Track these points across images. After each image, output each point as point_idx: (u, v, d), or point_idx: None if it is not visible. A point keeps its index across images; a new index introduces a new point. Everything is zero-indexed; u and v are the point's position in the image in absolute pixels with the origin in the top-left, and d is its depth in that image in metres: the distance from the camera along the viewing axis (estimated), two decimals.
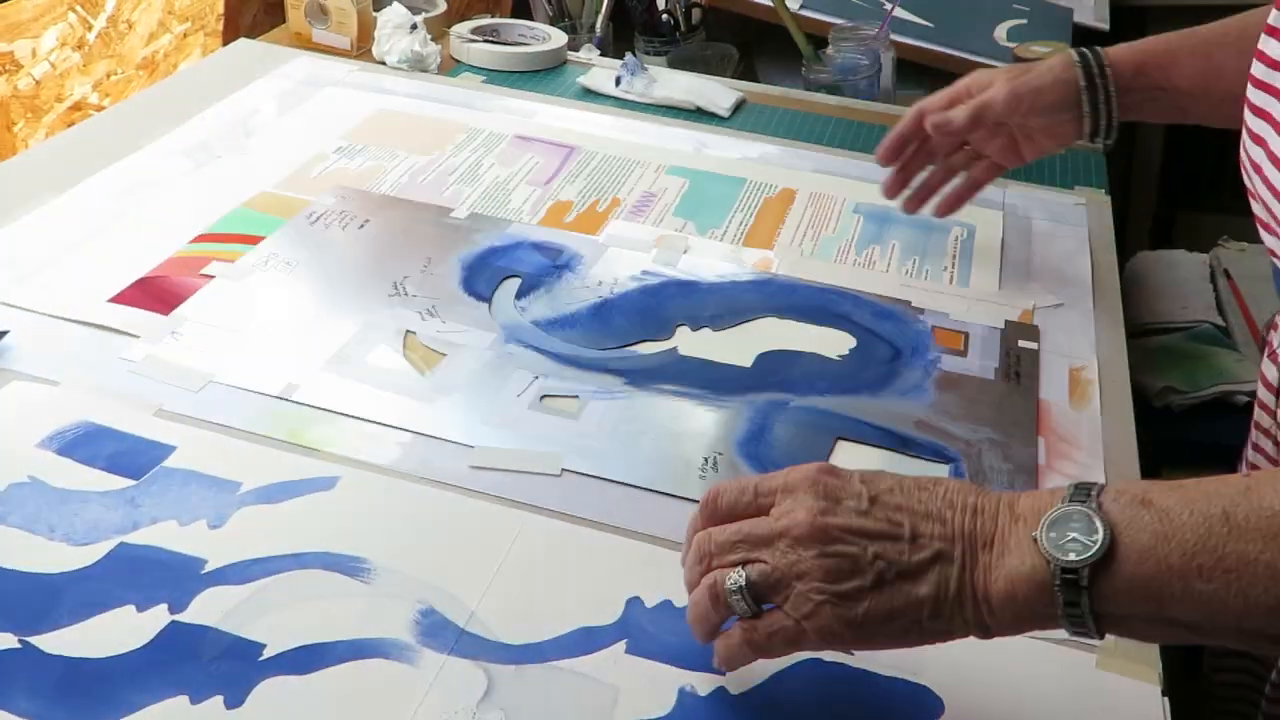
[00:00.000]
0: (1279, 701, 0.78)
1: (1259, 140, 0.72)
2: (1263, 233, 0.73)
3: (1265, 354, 0.81)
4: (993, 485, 0.77)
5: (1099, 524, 0.51)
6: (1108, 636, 0.66)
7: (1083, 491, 0.53)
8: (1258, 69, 0.72)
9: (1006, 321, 0.95)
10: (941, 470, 0.79)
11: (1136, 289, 1.32)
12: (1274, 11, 0.71)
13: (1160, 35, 0.93)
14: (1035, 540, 0.52)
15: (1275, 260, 0.73)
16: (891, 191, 1.03)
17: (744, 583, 0.55)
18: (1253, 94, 0.72)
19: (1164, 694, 0.64)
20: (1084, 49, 0.93)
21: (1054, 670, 0.65)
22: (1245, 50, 0.76)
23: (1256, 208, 0.73)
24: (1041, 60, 0.95)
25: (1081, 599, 0.51)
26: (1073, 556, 0.51)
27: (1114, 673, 0.65)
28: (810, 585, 0.54)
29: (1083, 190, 1.19)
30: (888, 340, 0.92)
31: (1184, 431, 1.19)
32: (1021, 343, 0.92)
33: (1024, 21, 1.64)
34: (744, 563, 0.55)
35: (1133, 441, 0.83)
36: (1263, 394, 0.80)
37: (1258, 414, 0.82)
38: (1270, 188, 0.70)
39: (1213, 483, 0.52)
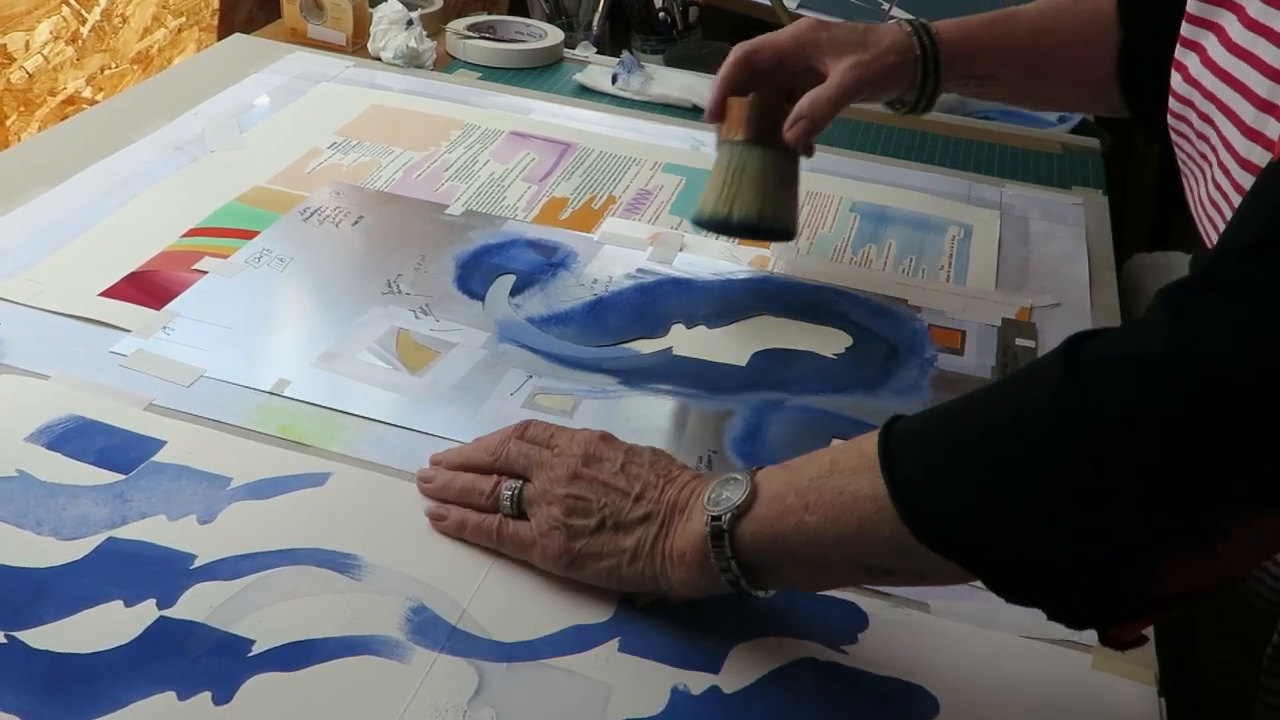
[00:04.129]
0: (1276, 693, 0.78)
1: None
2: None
3: None
4: None
5: (747, 481, 0.61)
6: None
7: (746, 469, 0.62)
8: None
9: (1003, 320, 0.95)
10: None
11: (1133, 290, 1.31)
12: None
13: (997, 18, 0.91)
14: (702, 505, 0.62)
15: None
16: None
17: (518, 490, 0.68)
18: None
19: (1160, 694, 0.64)
20: (923, 32, 0.89)
21: (1050, 670, 0.65)
22: (1074, 42, 0.87)
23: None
24: (877, 30, 0.89)
25: (724, 544, 0.60)
26: (719, 508, 0.60)
27: (1110, 673, 0.65)
28: (551, 511, 0.66)
29: (1080, 190, 1.19)
30: (884, 339, 0.92)
31: None
32: (1019, 341, 0.92)
33: None
34: (521, 477, 0.68)
35: None
36: None
37: None
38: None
39: (840, 443, 0.62)
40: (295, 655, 0.61)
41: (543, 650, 0.63)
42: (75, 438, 0.74)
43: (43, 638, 0.61)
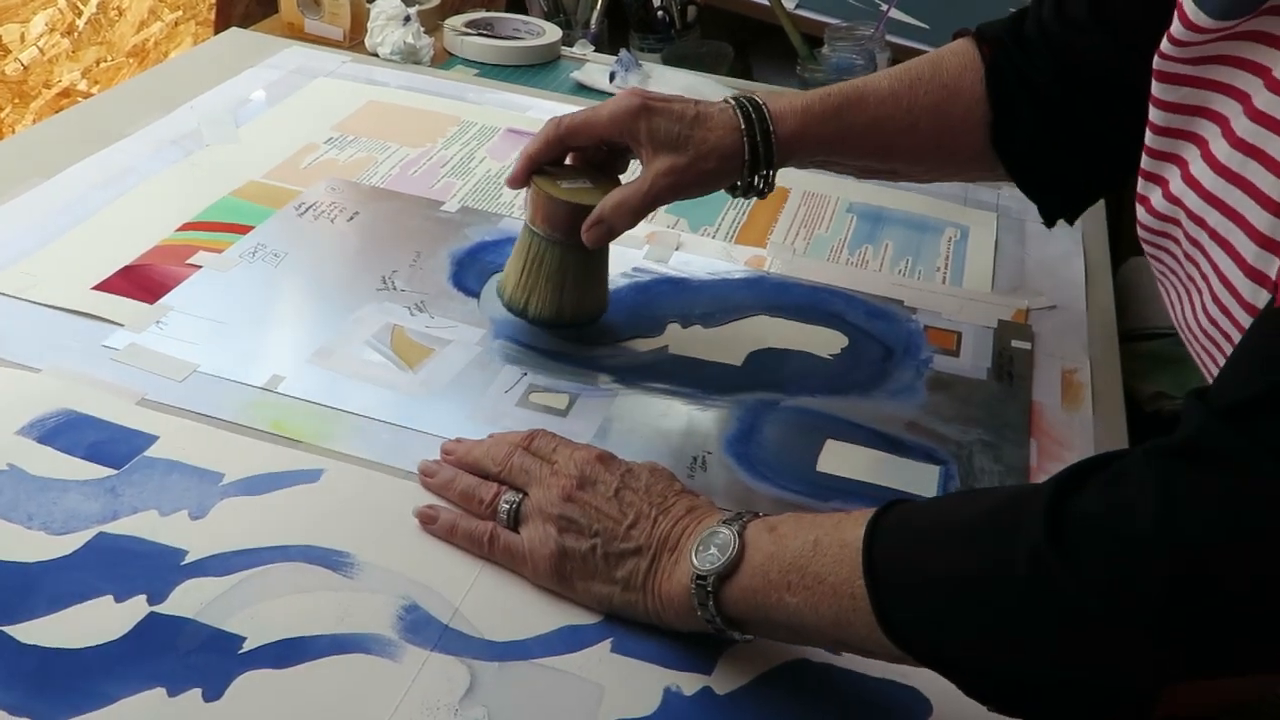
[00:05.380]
0: None
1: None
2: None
3: None
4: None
5: (734, 542, 0.60)
6: None
7: (739, 516, 0.62)
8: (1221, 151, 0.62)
9: (999, 321, 0.94)
10: (932, 472, 0.78)
11: (1128, 294, 1.31)
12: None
13: (846, 101, 0.83)
14: (689, 556, 0.62)
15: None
16: None
17: (517, 504, 0.68)
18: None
19: None
20: (757, 129, 0.81)
21: None
22: (932, 120, 0.83)
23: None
24: (704, 122, 0.81)
25: (709, 602, 0.60)
26: (705, 567, 0.60)
27: None
28: (547, 529, 0.66)
29: None
30: (880, 340, 0.91)
31: None
32: (1014, 343, 0.92)
33: None
34: (520, 488, 0.69)
35: (1125, 444, 0.83)
36: None
37: None
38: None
39: (828, 516, 0.60)
40: (286, 652, 0.61)
41: (535, 650, 0.63)
42: (67, 432, 0.74)
43: (32, 632, 0.60)
